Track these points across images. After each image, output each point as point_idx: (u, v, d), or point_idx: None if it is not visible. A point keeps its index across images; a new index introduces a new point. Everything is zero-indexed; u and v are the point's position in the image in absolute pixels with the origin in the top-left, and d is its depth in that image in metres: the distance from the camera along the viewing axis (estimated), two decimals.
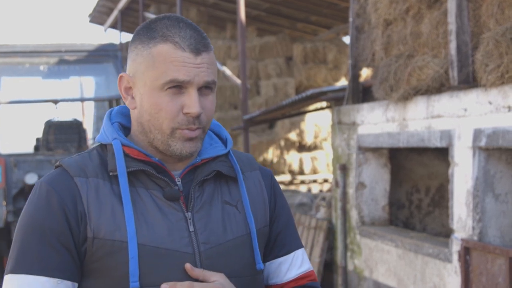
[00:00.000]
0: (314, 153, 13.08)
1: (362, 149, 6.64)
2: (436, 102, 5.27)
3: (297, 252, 1.66)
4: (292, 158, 12.93)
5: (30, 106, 10.20)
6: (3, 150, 8.03)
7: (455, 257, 4.99)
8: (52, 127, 8.26)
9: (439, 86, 5.27)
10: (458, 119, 4.97)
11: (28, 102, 9.16)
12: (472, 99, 4.80)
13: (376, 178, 6.68)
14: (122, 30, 17.41)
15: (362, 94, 6.95)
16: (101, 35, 34.90)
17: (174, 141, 1.48)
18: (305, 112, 10.32)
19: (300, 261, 1.66)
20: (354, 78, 6.96)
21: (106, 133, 1.53)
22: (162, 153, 1.52)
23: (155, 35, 1.48)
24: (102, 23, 19.22)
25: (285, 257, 1.64)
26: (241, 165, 1.63)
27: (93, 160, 1.51)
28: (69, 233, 1.43)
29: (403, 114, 5.76)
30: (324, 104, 8.73)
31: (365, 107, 6.51)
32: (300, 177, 12.87)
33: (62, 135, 8.22)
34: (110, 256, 1.43)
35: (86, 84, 10.20)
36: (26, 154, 8.02)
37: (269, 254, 1.63)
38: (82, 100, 11.12)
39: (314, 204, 8.31)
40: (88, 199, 1.45)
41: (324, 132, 12.91)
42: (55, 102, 8.36)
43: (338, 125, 7.07)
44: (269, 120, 10.99)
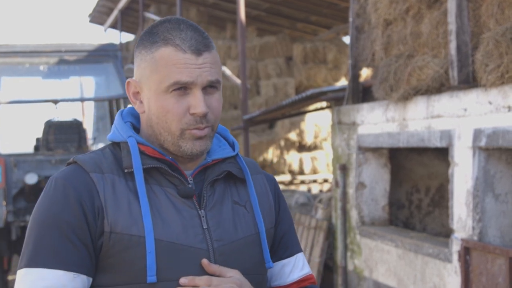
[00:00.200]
0: (314, 153, 13.08)
1: (362, 149, 6.64)
2: (436, 102, 5.27)
3: (299, 255, 1.70)
4: (292, 158, 12.93)
5: (30, 106, 10.19)
6: (3, 150, 8.02)
7: (455, 257, 4.99)
8: (52, 127, 8.25)
9: (439, 86, 5.27)
10: (458, 119, 4.97)
11: (28, 102, 9.14)
12: (472, 99, 4.80)
13: (376, 178, 6.68)
14: (122, 30, 17.41)
15: (362, 94, 6.95)
16: (101, 35, 34.92)
17: (184, 142, 1.51)
18: (305, 112, 10.32)
19: (302, 264, 1.70)
20: (354, 78, 6.96)
21: (120, 132, 1.56)
22: (173, 154, 1.55)
23: (157, 39, 1.51)
24: (102, 23, 19.23)
25: (289, 259, 1.68)
26: (247, 168, 1.66)
27: (107, 158, 1.53)
28: (86, 227, 1.44)
29: (403, 114, 5.76)
30: (324, 104, 8.73)
31: (365, 107, 6.51)
32: (300, 177, 12.88)
33: (62, 135, 8.21)
34: (127, 251, 1.44)
35: (86, 84, 10.19)
36: (26, 154, 8.01)
37: (273, 256, 1.67)
38: (82, 100, 11.12)
39: (313, 205, 8.31)
40: (105, 194, 1.46)
41: (324, 132, 12.91)
42: (55, 102, 8.35)
43: (338, 125, 7.07)
44: (269, 120, 10.99)
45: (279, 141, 12.83)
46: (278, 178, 11.94)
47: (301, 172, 12.96)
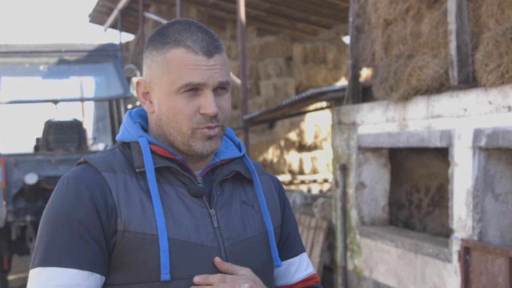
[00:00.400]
0: (314, 153, 13.08)
1: (362, 149, 6.64)
2: (436, 102, 5.27)
3: (303, 255, 1.73)
4: (292, 158, 12.93)
5: (30, 106, 10.19)
6: (3, 150, 8.01)
7: (455, 257, 4.99)
8: (52, 127, 8.25)
9: (439, 86, 5.27)
10: (458, 119, 4.97)
11: (28, 102, 9.14)
12: (472, 99, 4.80)
13: (376, 178, 6.68)
14: (122, 30, 17.41)
15: (362, 94, 6.95)
16: (101, 35, 34.91)
17: (195, 141, 1.53)
18: (305, 112, 10.32)
19: (306, 264, 1.73)
20: (354, 78, 6.96)
21: (130, 132, 1.57)
22: (183, 154, 1.57)
23: (168, 41, 1.52)
24: (102, 23, 19.22)
25: (294, 259, 1.71)
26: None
27: (117, 157, 1.54)
28: (99, 226, 1.45)
29: (403, 114, 5.76)
30: (324, 104, 8.73)
31: (365, 107, 6.51)
32: (300, 177, 12.88)
33: (62, 135, 8.21)
34: (140, 249, 1.46)
35: (86, 84, 10.18)
36: (26, 154, 8.01)
37: (279, 256, 1.68)
38: (82, 100, 11.11)
39: (310, 204, 8.31)
40: (118, 193, 1.48)
41: (324, 132, 12.92)
42: (55, 102, 8.35)
43: (338, 125, 7.07)
44: (269, 120, 10.99)
45: (279, 141, 12.83)
46: (278, 178, 11.93)
47: (301, 172, 12.97)
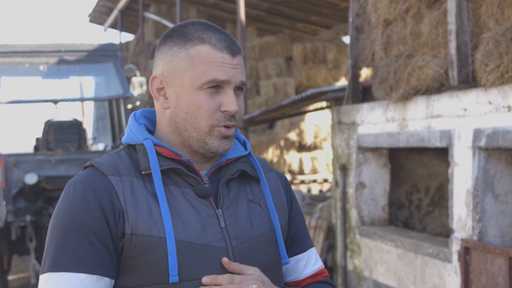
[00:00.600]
0: (314, 153, 13.08)
1: (362, 149, 6.64)
2: (436, 102, 5.27)
3: (312, 250, 1.74)
4: (292, 158, 12.93)
5: (30, 106, 10.18)
6: (3, 150, 8.01)
7: (455, 257, 4.99)
8: (52, 127, 8.24)
9: (439, 86, 5.27)
10: (458, 119, 4.97)
11: (28, 102, 9.14)
12: (472, 99, 4.80)
13: (376, 178, 6.68)
14: (122, 30, 17.41)
15: (362, 94, 6.95)
16: (101, 35, 34.91)
17: (212, 139, 1.53)
18: (305, 112, 10.32)
19: (315, 259, 1.73)
20: (354, 78, 6.96)
21: (135, 134, 1.57)
22: (194, 153, 1.57)
23: (191, 38, 1.53)
24: (102, 23, 19.23)
25: (302, 254, 1.71)
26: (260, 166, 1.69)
27: (123, 160, 1.55)
28: (107, 230, 1.46)
29: (403, 114, 5.76)
30: (324, 104, 8.73)
31: (365, 107, 6.51)
32: (300, 177, 12.88)
33: (62, 135, 8.20)
34: (148, 252, 1.46)
35: (86, 84, 10.17)
36: (26, 154, 8.00)
37: (287, 252, 1.69)
38: (82, 100, 11.11)
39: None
40: (125, 196, 1.48)
41: (324, 132, 12.91)
42: (55, 102, 8.35)
43: (338, 125, 7.07)
44: (269, 120, 10.99)
45: (279, 141, 12.83)
46: None
47: (301, 172, 12.97)
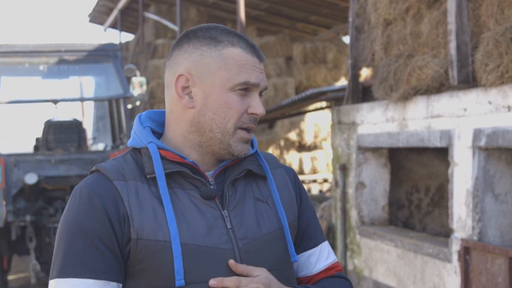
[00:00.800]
0: (314, 153, 13.08)
1: (362, 149, 6.64)
2: (436, 102, 5.27)
3: (323, 244, 1.73)
4: (292, 158, 12.93)
5: (30, 106, 10.18)
6: (3, 150, 8.00)
7: (455, 257, 4.99)
8: (52, 127, 8.24)
9: (439, 86, 5.27)
10: (458, 119, 4.97)
11: (28, 102, 9.13)
12: (472, 99, 4.80)
13: (376, 178, 6.68)
14: (122, 30, 17.40)
15: (362, 94, 6.95)
16: (101, 35, 34.91)
17: (235, 142, 1.55)
18: (305, 112, 10.32)
19: (327, 253, 1.72)
20: (354, 78, 6.97)
21: (140, 137, 1.58)
22: (210, 153, 1.58)
23: (221, 40, 1.55)
24: (102, 23, 19.22)
25: (314, 250, 1.70)
26: (267, 164, 1.68)
27: (129, 164, 1.55)
28: (113, 235, 1.47)
29: (403, 114, 5.76)
30: (324, 104, 8.73)
31: (365, 107, 6.51)
32: (300, 177, 12.85)
33: (62, 135, 8.20)
34: (154, 256, 1.47)
35: (86, 84, 10.17)
36: (26, 154, 8.00)
37: (298, 247, 1.69)
38: (82, 100, 11.10)
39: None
40: (129, 201, 1.49)
41: (324, 132, 12.92)
42: (55, 102, 8.34)
43: (338, 125, 7.07)
44: (269, 120, 10.99)
45: (279, 141, 12.83)
46: None
47: (301, 172, 12.97)
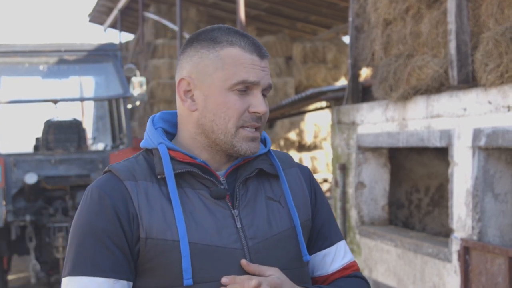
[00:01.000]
0: (314, 153, 13.08)
1: (362, 149, 6.64)
2: (436, 102, 5.27)
3: (340, 244, 1.72)
4: None
5: (30, 106, 10.18)
6: (3, 150, 8.00)
7: (455, 257, 4.99)
8: (52, 127, 8.24)
9: (439, 86, 5.27)
10: (458, 119, 4.97)
11: (28, 102, 9.14)
12: (472, 99, 4.80)
13: (376, 178, 6.68)
14: (122, 30, 17.40)
15: (362, 94, 6.95)
16: (101, 35, 34.91)
17: (239, 142, 1.55)
18: (305, 112, 10.33)
19: (343, 252, 1.71)
20: (354, 78, 6.97)
21: (151, 138, 1.60)
22: (220, 153, 1.58)
23: (220, 40, 1.55)
24: (102, 23, 19.21)
25: (329, 249, 1.70)
26: (281, 163, 1.68)
27: (141, 164, 1.58)
28: (122, 234, 1.50)
29: (403, 114, 5.76)
30: (324, 104, 8.73)
31: (365, 107, 6.51)
32: None
33: (62, 135, 8.20)
34: (163, 255, 1.49)
35: (86, 84, 10.17)
36: (26, 154, 8.01)
37: (313, 247, 1.69)
38: (82, 100, 11.10)
39: None
40: (139, 201, 1.51)
41: (324, 132, 12.92)
42: (55, 102, 8.35)
43: (338, 125, 7.08)
44: (269, 120, 10.99)
45: (279, 141, 12.83)
46: None
47: None
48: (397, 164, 7.04)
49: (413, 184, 7.16)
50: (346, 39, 14.46)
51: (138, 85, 8.49)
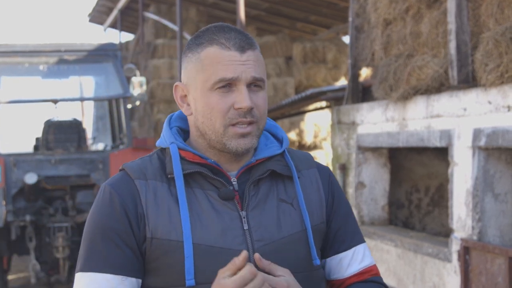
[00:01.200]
0: (314, 153, 13.07)
1: (362, 149, 6.64)
2: (436, 102, 5.27)
3: (358, 248, 1.68)
4: None
5: (30, 106, 10.17)
6: (3, 150, 8.00)
7: (455, 257, 4.99)
8: (52, 127, 8.24)
9: (439, 86, 5.27)
10: (458, 119, 4.97)
11: (28, 102, 9.13)
12: (472, 99, 4.80)
13: (376, 178, 6.68)
14: (122, 30, 17.40)
15: (362, 94, 6.95)
16: (101, 35, 34.90)
17: (229, 140, 1.53)
18: (305, 112, 10.32)
19: (361, 256, 1.67)
20: (354, 78, 6.97)
21: (165, 138, 1.61)
22: (220, 154, 1.58)
23: (202, 41, 1.56)
24: (102, 23, 19.21)
25: (346, 253, 1.66)
26: (298, 164, 1.66)
27: (153, 163, 1.59)
28: (131, 232, 1.52)
29: (403, 114, 5.76)
30: (324, 104, 8.73)
31: (365, 107, 6.51)
32: None
33: (62, 135, 8.20)
34: (167, 255, 1.51)
35: (86, 84, 10.16)
36: (26, 154, 8.00)
37: (330, 250, 1.66)
38: (82, 100, 11.09)
39: None
40: (147, 201, 1.53)
41: (324, 132, 12.91)
42: (55, 102, 8.34)
43: (338, 125, 7.08)
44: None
45: None
46: None
47: None
48: (397, 164, 7.04)
49: (413, 184, 7.16)
50: (346, 39, 14.47)
51: (138, 85, 8.49)
